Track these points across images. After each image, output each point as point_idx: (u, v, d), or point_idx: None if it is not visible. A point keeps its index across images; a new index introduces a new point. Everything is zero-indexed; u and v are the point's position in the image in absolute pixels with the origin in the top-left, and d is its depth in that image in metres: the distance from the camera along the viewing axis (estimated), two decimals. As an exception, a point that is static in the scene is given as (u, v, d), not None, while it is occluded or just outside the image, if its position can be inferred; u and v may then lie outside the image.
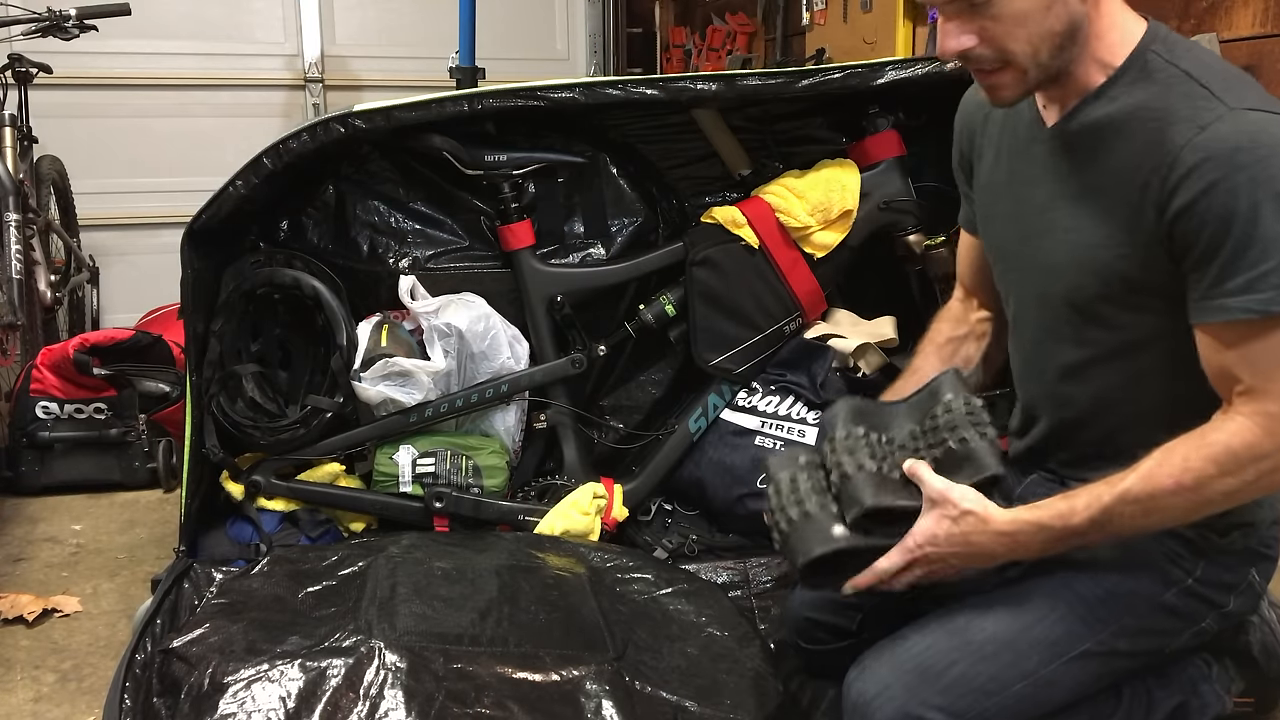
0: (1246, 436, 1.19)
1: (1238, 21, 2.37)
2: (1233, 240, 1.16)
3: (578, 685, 1.43)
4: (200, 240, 2.04)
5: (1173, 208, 1.20)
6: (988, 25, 1.24)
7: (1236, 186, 1.15)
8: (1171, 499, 1.21)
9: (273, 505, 2.14)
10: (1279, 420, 1.18)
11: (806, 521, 1.38)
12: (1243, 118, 1.17)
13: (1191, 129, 1.19)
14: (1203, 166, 1.17)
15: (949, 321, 1.66)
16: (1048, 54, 1.25)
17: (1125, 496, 1.23)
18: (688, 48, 4.83)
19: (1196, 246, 1.19)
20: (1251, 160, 1.15)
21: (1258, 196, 1.14)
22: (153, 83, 4.43)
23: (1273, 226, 1.14)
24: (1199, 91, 1.21)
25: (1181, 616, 1.36)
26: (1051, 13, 1.23)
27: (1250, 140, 1.16)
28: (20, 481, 2.79)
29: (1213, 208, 1.17)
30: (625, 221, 2.37)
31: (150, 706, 1.47)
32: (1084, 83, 1.29)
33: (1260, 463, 1.19)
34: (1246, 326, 1.18)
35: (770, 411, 2.22)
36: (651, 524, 2.29)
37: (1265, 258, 1.15)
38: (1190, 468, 1.20)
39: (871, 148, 2.22)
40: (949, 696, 1.29)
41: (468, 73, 3.61)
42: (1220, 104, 1.19)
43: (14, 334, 2.80)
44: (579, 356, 2.24)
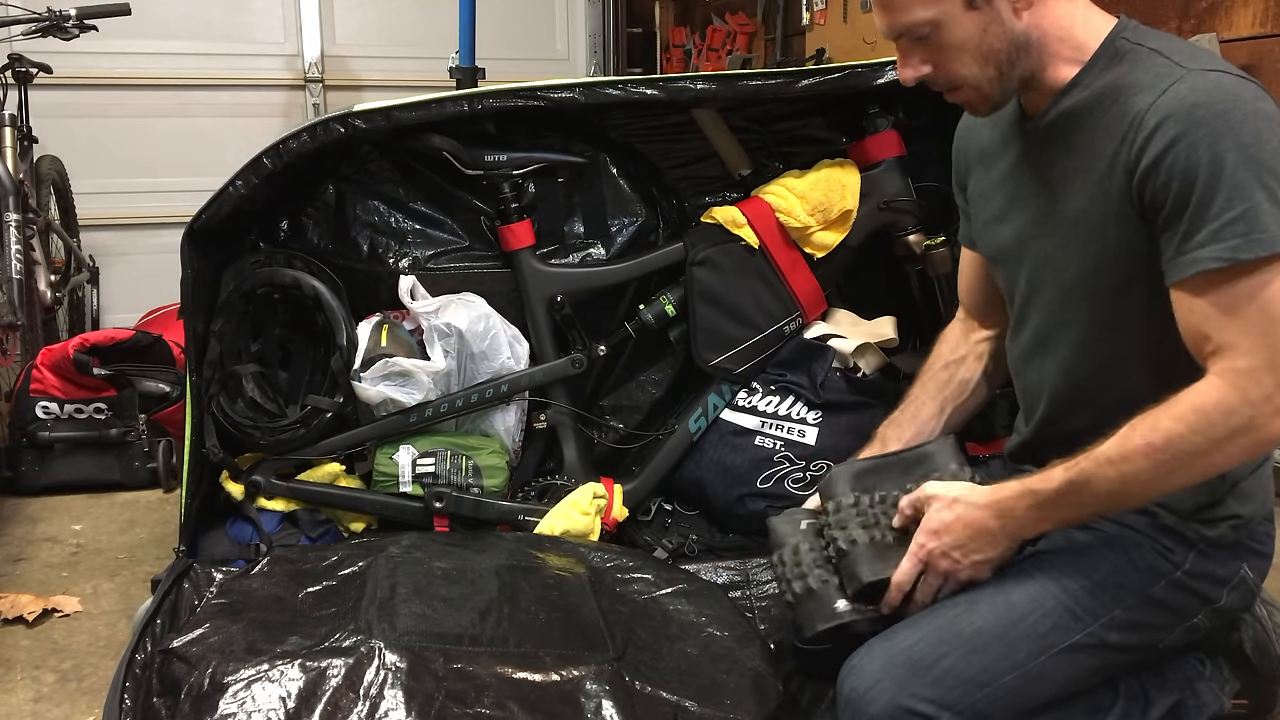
0: (1214, 394, 1.19)
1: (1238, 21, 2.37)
2: (1197, 193, 1.18)
3: (578, 685, 1.43)
4: (200, 240, 2.04)
5: (1141, 168, 1.23)
6: (935, 54, 1.33)
7: (1197, 141, 1.18)
8: (1142, 460, 1.21)
9: (273, 505, 2.14)
10: (1247, 376, 1.17)
11: (810, 597, 1.44)
12: (1200, 77, 1.21)
13: (1154, 93, 1.23)
14: (1164, 125, 1.20)
15: (948, 344, 1.68)
16: (996, 70, 1.32)
17: (1099, 459, 1.24)
18: (688, 48, 4.83)
19: (1166, 203, 1.21)
20: (1209, 114, 1.18)
21: (1218, 148, 1.17)
22: (153, 83, 4.43)
23: (1234, 175, 1.16)
24: (1160, 62, 1.25)
25: (1172, 610, 1.37)
26: (989, 34, 1.30)
27: (1207, 96, 1.19)
28: (20, 481, 2.79)
29: (1177, 163, 1.19)
30: (625, 221, 2.37)
31: (150, 706, 1.47)
32: (1055, 81, 1.34)
33: (1229, 419, 1.18)
34: (1214, 277, 1.19)
35: (770, 411, 2.22)
36: (651, 524, 2.29)
37: (1229, 206, 1.16)
38: (1159, 427, 1.21)
39: (871, 148, 2.22)
40: (939, 689, 1.30)
41: (468, 73, 3.61)
42: (1180, 67, 1.23)
43: (14, 334, 2.80)
44: (579, 356, 2.24)
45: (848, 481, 1.49)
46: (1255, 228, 1.16)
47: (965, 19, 1.29)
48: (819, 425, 2.18)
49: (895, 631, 1.37)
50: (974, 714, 1.31)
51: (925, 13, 1.30)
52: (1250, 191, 1.16)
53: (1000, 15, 1.29)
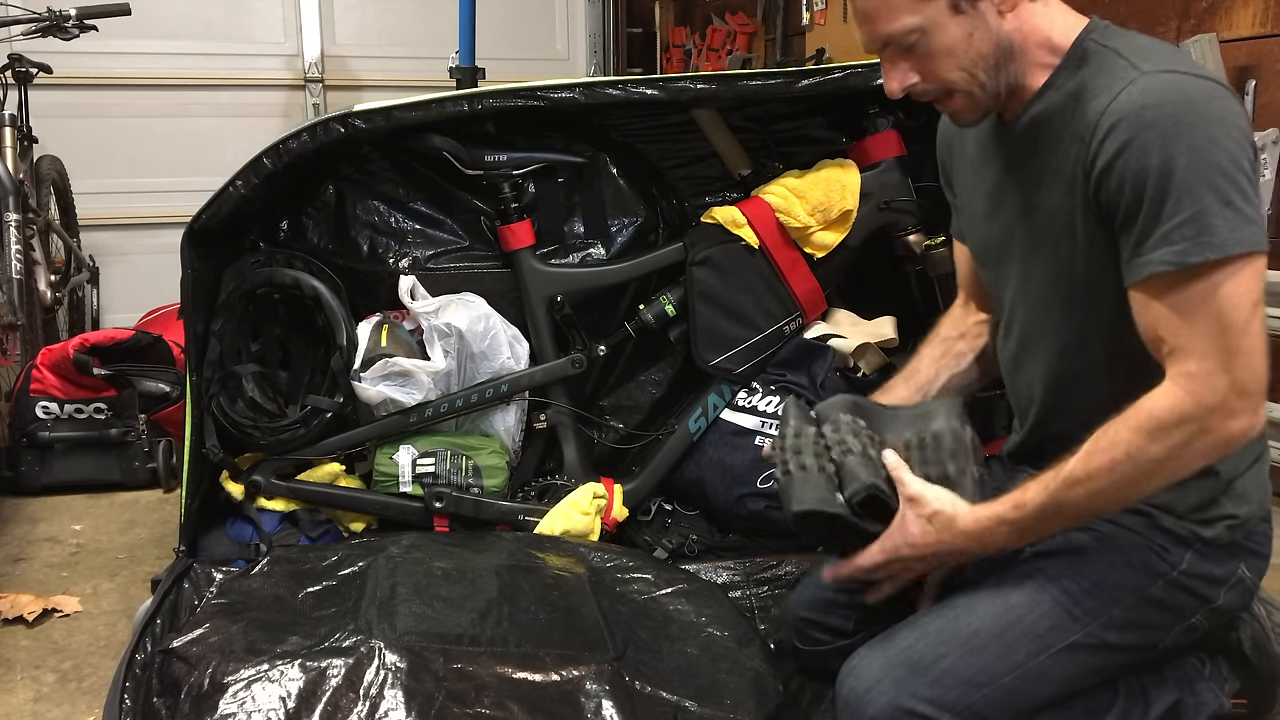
0: (1168, 400, 1.19)
1: (1238, 21, 2.37)
2: (1148, 196, 1.18)
3: (578, 685, 1.43)
4: (200, 240, 2.04)
5: (1095, 172, 1.23)
6: (922, 62, 1.33)
7: (1148, 143, 1.18)
8: (1109, 477, 1.22)
9: (273, 505, 2.14)
10: (1200, 380, 1.18)
11: (806, 476, 1.42)
12: (1153, 79, 1.21)
13: (1108, 97, 1.23)
14: (1116, 128, 1.20)
15: (948, 323, 1.70)
16: (984, 75, 1.32)
17: (1068, 480, 1.25)
18: (688, 48, 4.83)
19: (1120, 206, 1.21)
20: (1160, 117, 1.18)
21: (1169, 151, 1.16)
22: (153, 83, 4.43)
23: (1184, 179, 1.16)
24: (1119, 63, 1.25)
25: (1170, 610, 1.37)
26: (975, 39, 1.30)
27: (1159, 98, 1.18)
28: (20, 481, 2.79)
29: (1129, 166, 1.19)
30: (625, 221, 2.37)
31: (150, 706, 1.47)
32: (1031, 86, 1.34)
33: (1185, 426, 1.18)
34: (1165, 280, 1.19)
35: (770, 411, 2.22)
36: (651, 524, 2.30)
37: (1179, 209, 1.16)
38: (1119, 440, 1.21)
39: (871, 148, 2.22)
40: (938, 689, 1.31)
41: (468, 73, 3.61)
42: (1135, 70, 1.22)
43: (14, 334, 2.80)
44: (579, 356, 2.24)
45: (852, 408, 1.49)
46: (1204, 230, 1.16)
47: (951, 24, 1.29)
48: (816, 412, 2.17)
49: (894, 632, 1.38)
50: (972, 714, 1.31)
51: (911, 19, 1.29)
52: (1200, 195, 1.16)
53: (985, 19, 1.30)
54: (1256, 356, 1.18)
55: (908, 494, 1.37)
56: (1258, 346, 1.18)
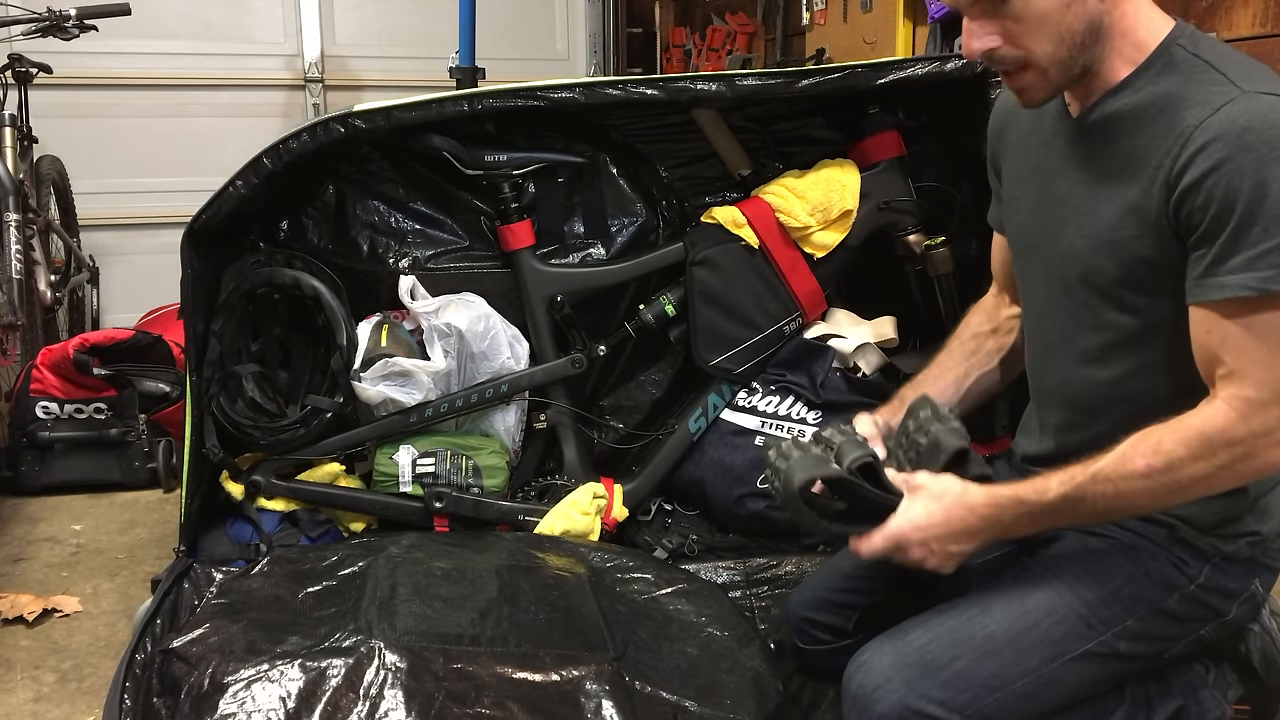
0: (1220, 420, 1.19)
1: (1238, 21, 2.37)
2: (1236, 218, 1.16)
3: (578, 685, 1.43)
4: (200, 240, 2.04)
5: (1181, 185, 1.21)
6: (1010, 26, 1.27)
7: (1244, 165, 1.16)
8: (1141, 481, 1.22)
9: (273, 505, 2.14)
10: (1255, 405, 1.18)
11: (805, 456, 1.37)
12: (1255, 100, 1.18)
13: (1205, 111, 1.20)
14: (1211, 145, 1.18)
15: (978, 315, 1.66)
16: (1068, 53, 1.27)
17: (1098, 475, 1.23)
18: (688, 48, 4.83)
19: (1202, 224, 1.20)
20: (1260, 140, 1.16)
21: (1264, 175, 1.15)
22: (153, 83, 4.43)
23: (1276, 206, 1.15)
24: (1215, 77, 1.22)
25: (1182, 622, 1.36)
26: (1070, 11, 1.25)
27: (1260, 121, 1.17)
28: (20, 481, 2.79)
29: (1219, 185, 1.17)
30: (625, 221, 2.37)
31: (150, 706, 1.47)
32: (1109, 78, 1.31)
33: (1232, 448, 1.18)
34: (1241, 305, 1.18)
35: (770, 411, 2.22)
36: (651, 524, 2.29)
37: (1267, 236, 1.15)
38: (1161, 450, 1.20)
39: (871, 148, 2.22)
40: (950, 691, 1.30)
41: (468, 73, 3.61)
42: (1235, 88, 1.20)
43: (14, 334, 2.80)
44: (579, 356, 2.24)
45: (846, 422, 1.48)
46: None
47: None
48: (819, 425, 2.18)
49: (906, 630, 1.36)
50: (983, 718, 1.30)
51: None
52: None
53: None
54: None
55: (912, 483, 1.34)
56: None
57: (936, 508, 1.31)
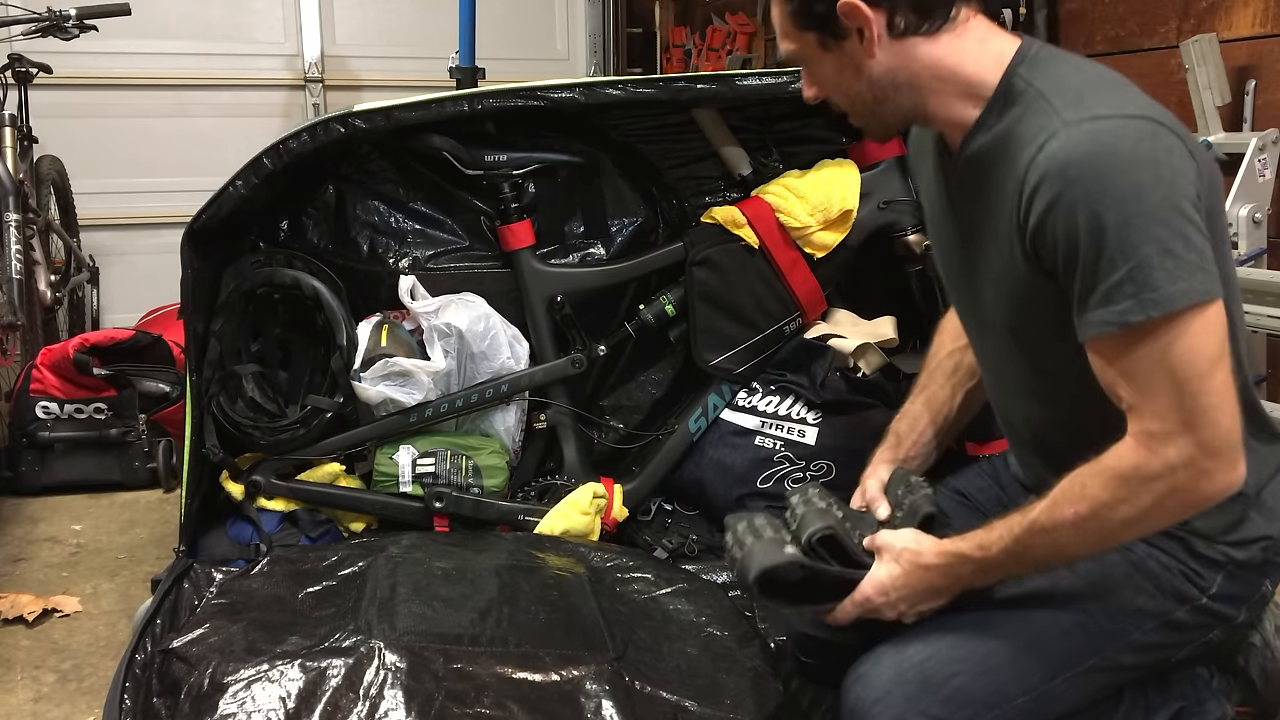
0: (1131, 457, 1.15)
1: (1238, 21, 2.37)
2: (1082, 256, 1.13)
3: (578, 685, 1.43)
4: (200, 240, 2.04)
5: (1029, 229, 1.18)
6: (814, 81, 1.36)
7: (1073, 202, 1.12)
8: (1073, 530, 1.19)
9: (273, 505, 2.14)
10: (1160, 438, 1.13)
11: (759, 542, 1.35)
12: (1075, 131, 1.14)
13: (1033, 149, 1.17)
14: (1042, 186, 1.15)
15: (949, 333, 1.64)
16: (865, 106, 1.32)
17: (1033, 527, 1.21)
18: (688, 48, 4.82)
19: (1057, 265, 1.17)
20: (1081, 173, 1.12)
21: (1094, 208, 1.10)
22: (153, 83, 4.43)
23: (1116, 236, 1.10)
24: (1043, 108, 1.19)
25: (1190, 630, 1.34)
26: (844, 75, 1.30)
27: (1081, 153, 1.12)
28: (20, 481, 2.79)
29: (1058, 225, 1.14)
30: (625, 221, 2.37)
31: (150, 706, 1.47)
32: (958, 118, 1.29)
33: (1151, 485, 1.14)
34: (1111, 340, 1.14)
35: (770, 411, 2.22)
36: (651, 524, 2.30)
37: (1114, 268, 1.11)
38: (1086, 495, 1.17)
39: (871, 148, 2.22)
40: (949, 707, 1.28)
41: (468, 73, 3.61)
42: (1057, 118, 1.16)
43: (14, 334, 2.80)
44: (579, 356, 2.24)
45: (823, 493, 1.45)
46: (1144, 287, 1.09)
47: (822, 59, 1.30)
48: (819, 425, 2.18)
49: (908, 643, 1.34)
50: None
51: (790, 45, 1.33)
52: (1134, 248, 1.09)
53: (851, 58, 1.27)
54: (1222, 413, 1.12)
55: (875, 545, 1.34)
56: (1222, 402, 1.12)
57: (896, 570, 1.31)
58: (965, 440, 2.22)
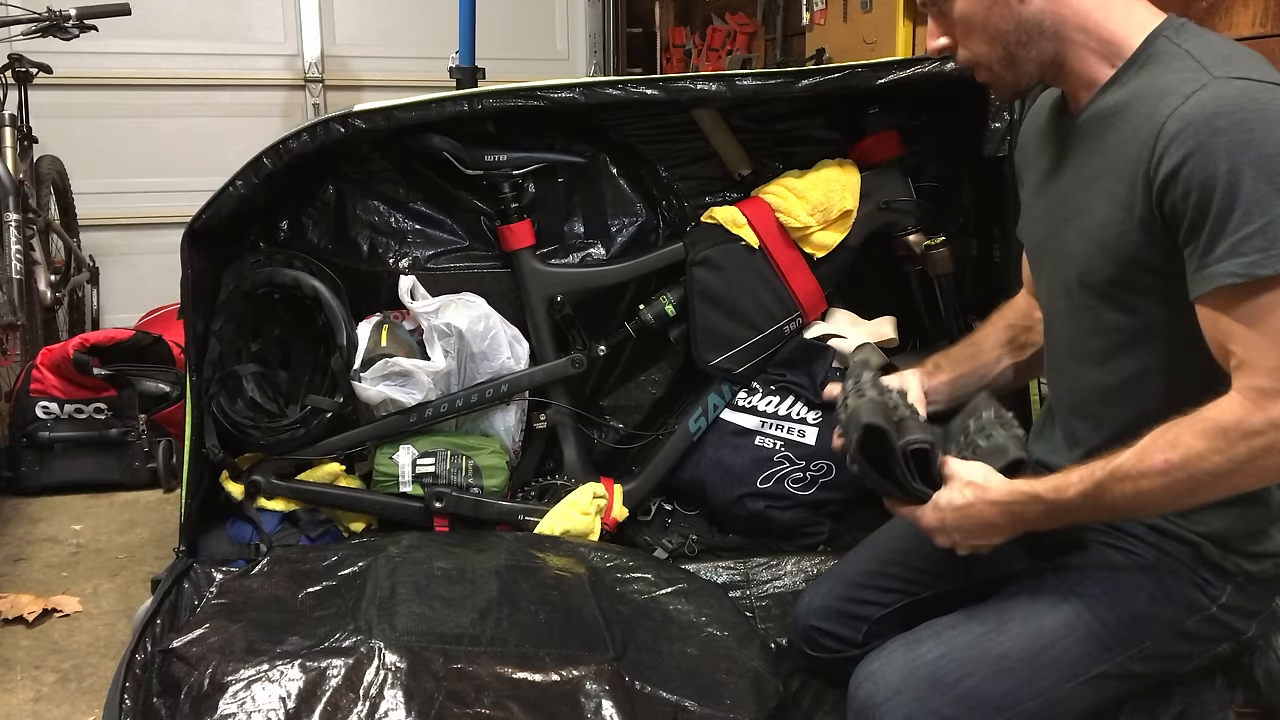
0: (1236, 411, 1.15)
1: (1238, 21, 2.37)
2: (1215, 206, 1.15)
3: (578, 685, 1.43)
4: (200, 240, 2.04)
5: (1160, 177, 1.20)
6: (951, 27, 1.34)
7: (1215, 152, 1.14)
8: (1160, 478, 1.18)
9: (273, 505, 2.14)
10: (1269, 394, 1.14)
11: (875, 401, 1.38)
12: (1225, 85, 1.17)
13: (1176, 99, 1.19)
14: (1183, 134, 1.17)
15: (1014, 309, 1.65)
16: (1004, 51, 1.31)
17: (1117, 472, 1.21)
18: (688, 48, 4.82)
19: (1185, 215, 1.18)
20: (1230, 125, 1.14)
21: (1237, 160, 1.13)
22: (153, 83, 4.43)
23: (1254, 189, 1.12)
24: (1190, 65, 1.21)
25: (1200, 641, 1.34)
26: (993, 14, 1.29)
27: (1231, 105, 1.15)
28: (20, 481, 2.79)
29: (1195, 174, 1.16)
30: (625, 221, 2.37)
31: (150, 706, 1.47)
32: (1089, 76, 1.31)
33: (1251, 440, 1.14)
34: (1232, 293, 1.15)
35: (770, 411, 2.22)
36: (651, 524, 2.30)
37: (1248, 221, 1.13)
38: (1179, 444, 1.17)
39: (871, 148, 2.22)
40: (960, 709, 1.28)
41: (468, 73, 3.61)
42: (1206, 73, 1.19)
43: (14, 334, 2.80)
44: (579, 356, 2.24)
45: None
46: (1275, 242, 1.12)
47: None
48: (819, 425, 2.18)
49: (920, 642, 1.35)
50: None
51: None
52: (1270, 204, 1.12)
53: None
54: None
55: (947, 474, 1.34)
56: None
57: (960, 500, 1.31)
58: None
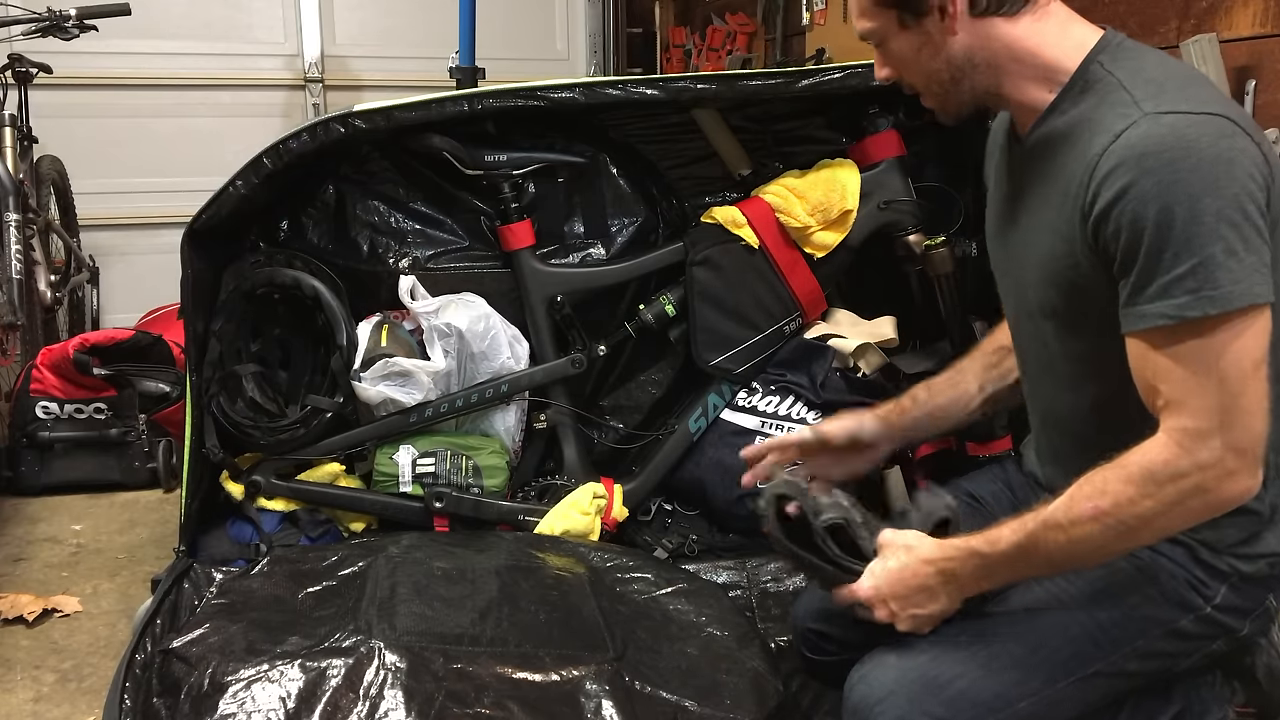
0: (1163, 454, 1.15)
1: (1238, 21, 2.37)
2: (1146, 245, 1.13)
3: (578, 685, 1.43)
4: (200, 240, 2.04)
5: (1093, 215, 1.19)
6: (888, 61, 1.36)
7: (1145, 192, 1.13)
8: (1090, 525, 1.18)
9: (273, 505, 2.14)
10: (1195, 436, 1.13)
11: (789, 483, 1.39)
12: (1155, 121, 1.15)
13: (1108, 137, 1.18)
14: (1114, 173, 1.16)
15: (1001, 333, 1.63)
16: (940, 86, 1.33)
17: (1048, 521, 1.20)
18: (688, 48, 4.82)
19: (1117, 253, 1.17)
20: (1158, 165, 1.13)
21: (1166, 200, 1.11)
22: (153, 83, 4.43)
23: (1183, 231, 1.11)
24: (1123, 98, 1.20)
25: (1194, 639, 1.34)
26: (922, 53, 1.31)
27: (1158, 144, 1.14)
28: (20, 481, 2.79)
29: (1125, 214, 1.15)
30: (625, 221, 2.37)
31: (150, 706, 1.47)
32: (1030, 102, 1.31)
33: (1179, 482, 1.14)
34: (1162, 334, 1.14)
35: (770, 411, 2.22)
36: (651, 524, 2.30)
37: (1177, 262, 1.11)
38: (1108, 490, 1.17)
39: (871, 148, 2.22)
40: (953, 709, 1.28)
41: (468, 73, 3.61)
42: (1137, 109, 1.17)
43: (14, 334, 2.80)
44: (579, 356, 2.24)
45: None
46: (1206, 283, 1.11)
47: (900, 36, 1.31)
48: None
49: (913, 644, 1.34)
50: None
51: (868, 23, 1.33)
52: (1201, 245, 1.11)
53: (931, 37, 1.28)
54: (1255, 416, 1.14)
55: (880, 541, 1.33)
56: (1257, 406, 1.14)
57: (894, 563, 1.30)
58: (966, 440, 2.23)
